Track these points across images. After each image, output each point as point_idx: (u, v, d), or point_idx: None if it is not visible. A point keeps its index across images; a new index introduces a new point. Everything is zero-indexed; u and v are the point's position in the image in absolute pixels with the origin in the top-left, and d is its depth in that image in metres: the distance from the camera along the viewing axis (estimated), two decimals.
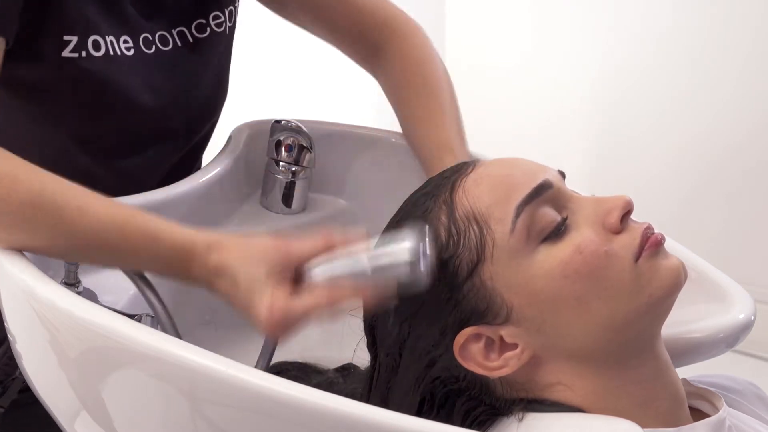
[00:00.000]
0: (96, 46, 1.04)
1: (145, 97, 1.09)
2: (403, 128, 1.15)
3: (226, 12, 1.17)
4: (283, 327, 0.81)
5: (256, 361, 0.94)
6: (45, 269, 0.86)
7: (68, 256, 0.93)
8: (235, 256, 0.83)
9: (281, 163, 1.18)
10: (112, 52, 1.05)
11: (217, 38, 1.16)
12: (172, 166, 1.18)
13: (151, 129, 1.14)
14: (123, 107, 1.09)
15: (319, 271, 0.82)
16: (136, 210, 0.88)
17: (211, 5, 1.15)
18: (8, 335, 0.92)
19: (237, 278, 0.82)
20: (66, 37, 1.02)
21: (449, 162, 0.99)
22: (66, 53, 1.02)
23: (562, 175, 0.81)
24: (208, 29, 1.15)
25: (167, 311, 0.92)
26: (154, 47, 1.10)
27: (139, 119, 1.11)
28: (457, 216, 0.77)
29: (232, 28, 1.19)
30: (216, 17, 1.15)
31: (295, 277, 0.82)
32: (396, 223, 0.82)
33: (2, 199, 0.83)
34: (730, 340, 0.91)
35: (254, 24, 1.36)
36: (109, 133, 1.11)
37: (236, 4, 1.19)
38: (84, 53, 1.03)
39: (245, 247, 0.84)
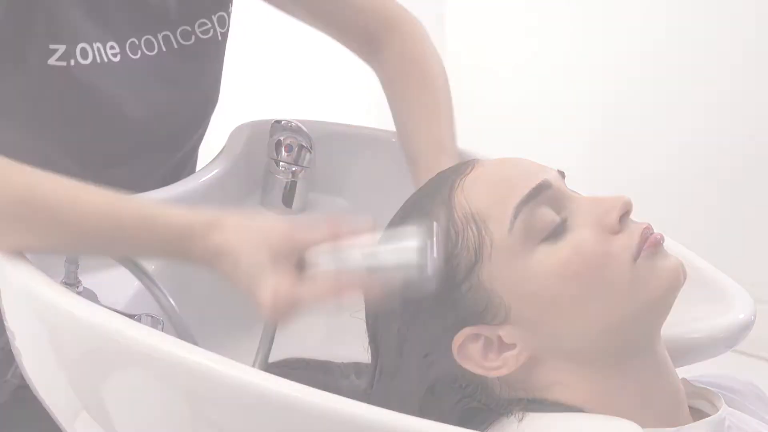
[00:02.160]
0: (84, 54, 1.02)
1: (132, 105, 1.08)
2: (395, 122, 1.14)
3: (215, 18, 1.14)
4: (286, 313, 0.80)
5: (256, 349, 0.94)
6: (45, 269, 0.86)
7: (66, 251, 0.92)
8: (236, 238, 0.82)
9: (281, 163, 1.18)
10: (99, 60, 1.03)
11: (204, 46, 1.14)
12: (162, 176, 1.16)
13: (139, 139, 1.12)
14: (111, 116, 1.07)
15: (324, 261, 0.80)
16: (129, 196, 0.87)
17: (196, 12, 1.12)
18: (8, 335, 0.92)
19: (239, 261, 0.82)
20: (52, 46, 1.00)
21: (443, 161, 0.98)
22: (52, 62, 1.00)
23: (562, 175, 0.81)
24: (194, 37, 1.12)
25: (175, 311, 0.92)
26: (140, 52, 1.08)
27: (127, 129, 1.09)
28: (456, 216, 0.77)
29: (224, 35, 1.17)
30: (202, 24, 1.13)
31: (298, 263, 0.81)
32: (399, 223, 0.81)
33: None
34: (730, 340, 0.91)
35: (254, 23, 1.36)
36: (97, 142, 1.09)
37: (228, 10, 1.16)
38: (72, 62, 1.01)
39: (246, 230, 0.83)
